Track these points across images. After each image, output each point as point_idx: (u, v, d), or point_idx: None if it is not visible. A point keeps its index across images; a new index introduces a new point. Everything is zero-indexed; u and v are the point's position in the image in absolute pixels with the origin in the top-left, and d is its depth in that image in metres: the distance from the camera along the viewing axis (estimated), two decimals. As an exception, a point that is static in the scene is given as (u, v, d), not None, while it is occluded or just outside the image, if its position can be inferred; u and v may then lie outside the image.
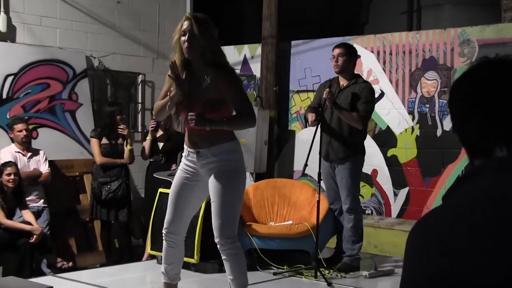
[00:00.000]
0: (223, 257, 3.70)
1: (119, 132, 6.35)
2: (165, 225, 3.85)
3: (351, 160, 5.11)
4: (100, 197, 6.25)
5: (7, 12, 6.66)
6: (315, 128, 5.00)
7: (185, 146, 3.76)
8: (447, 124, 6.37)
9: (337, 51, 5.16)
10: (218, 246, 3.67)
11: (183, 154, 3.79)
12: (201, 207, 4.70)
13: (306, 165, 4.80)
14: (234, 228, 3.66)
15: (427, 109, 6.52)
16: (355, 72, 5.30)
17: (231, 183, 3.60)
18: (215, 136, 3.58)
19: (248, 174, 7.46)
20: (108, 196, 6.24)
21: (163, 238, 3.86)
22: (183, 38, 3.55)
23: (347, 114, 5.01)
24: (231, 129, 3.61)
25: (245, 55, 8.02)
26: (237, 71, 7.94)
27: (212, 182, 3.62)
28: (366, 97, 5.05)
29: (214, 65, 3.55)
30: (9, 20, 6.69)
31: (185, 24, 3.55)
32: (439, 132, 6.44)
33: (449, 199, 1.16)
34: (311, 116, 5.02)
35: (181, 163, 3.80)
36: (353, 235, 5.20)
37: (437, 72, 6.48)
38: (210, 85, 3.56)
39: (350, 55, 5.14)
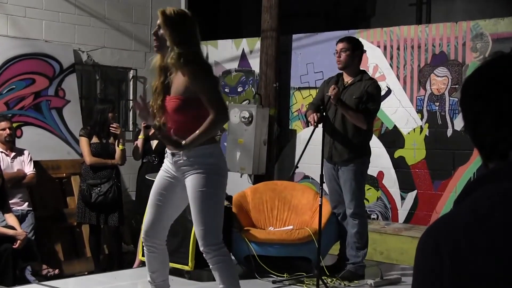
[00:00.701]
0: (210, 266, 3.71)
1: (111, 131, 6.32)
2: (143, 228, 3.87)
3: (355, 162, 5.11)
4: (90, 200, 6.22)
5: (-11, 2, 6.66)
6: (313, 127, 4.98)
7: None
8: (458, 124, 6.36)
9: (339, 45, 5.15)
10: (204, 254, 3.70)
11: (165, 154, 3.82)
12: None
13: (296, 167, 4.80)
14: (217, 234, 3.67)
15: (437, 108, 6.52)
16: (361, 68, 5.29)
17: (207, 188, 3.61)
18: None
19: (246, 176, 7.46)
20: (98, 199, 6.22)
21: (143, 243, 3.86)
22: None
23: (352, 112, 5.01)
24: (209, 136, 3.60)
25: (243, 49, 8.02)
26: (235, 66, 8.04)
27: (188, 188, 3.66)
28: (372, 95, 5.05)
29: (182, 60, 3.55)
30: (-9, 11, 6.69)
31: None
32: (449, 132, 6.44)
33: (462, 205, 1.15)
34: (313, 116, 4.99)
35: (164, 163, 3.84)
36: (357, 241, 5.19)
37: (447, 68, 6.48)
38: (178, 82, 3.58)
39: (354, 50, 5.12)
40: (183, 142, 3.54)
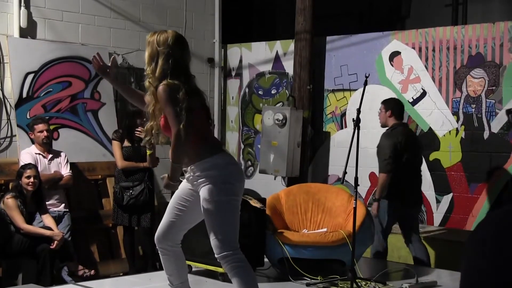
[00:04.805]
0: (229, 275, 3.70)
1: (136, 135, 6.36)
2: (157, 231, 3.94)
3: None
4: (122, 202, 6.31)
5: (27, 7, 6.81)
6: (352, 131, 5.02)
7: None
8: (495, 126, 6.31)
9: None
10: (220, 262, 3.71)
11: None
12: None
13: (345, 172, 4.83)
14: (230, 243, 3.65)
15: (473, 110, 6.47)
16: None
17: (215, 198, 3.63)
18: (194, 153, 3.70)
19: (280, 178, 7.49)
20: (130, 201, 6.29)
21: (156, 246, 3.94)
22: None
23: None
24: (178, 152, 3.70)
25: (277, 51, 8.05)
26: (269, 69, 8.08)
27: (200, 201, 3.70)
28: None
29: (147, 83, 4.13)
30: (29, 15, 6.83)
31: None
32: (486, 135, 6.38)
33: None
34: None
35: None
36: None
37: (484, 70, 6.42)
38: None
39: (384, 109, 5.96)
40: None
